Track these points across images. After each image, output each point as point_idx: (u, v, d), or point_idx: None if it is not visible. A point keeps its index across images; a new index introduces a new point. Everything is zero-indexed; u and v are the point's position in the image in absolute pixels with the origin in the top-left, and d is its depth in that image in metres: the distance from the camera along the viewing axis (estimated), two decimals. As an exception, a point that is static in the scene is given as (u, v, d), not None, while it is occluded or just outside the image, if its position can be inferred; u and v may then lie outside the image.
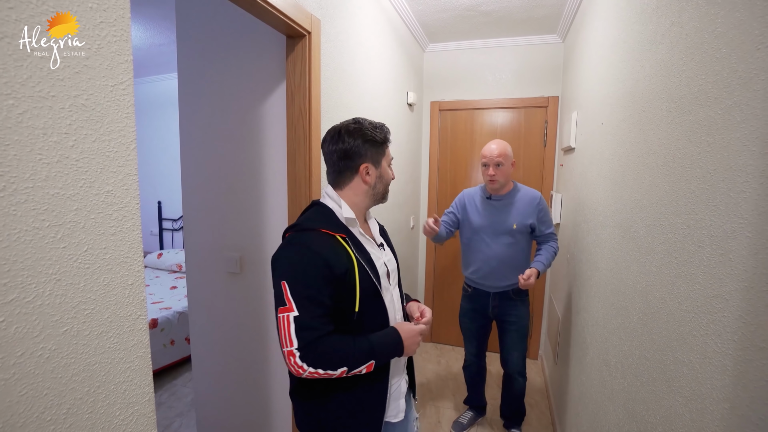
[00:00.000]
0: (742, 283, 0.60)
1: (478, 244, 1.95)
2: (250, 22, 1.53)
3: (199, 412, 1.89)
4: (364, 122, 1.03)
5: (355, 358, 0.89)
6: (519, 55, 2.92)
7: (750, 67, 0.60)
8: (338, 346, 0.88)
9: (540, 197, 1.90)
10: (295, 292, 0.86)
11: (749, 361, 0.57)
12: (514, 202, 1.89)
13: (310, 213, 1.02)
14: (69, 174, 0.57)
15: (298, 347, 0.84)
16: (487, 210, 1.93)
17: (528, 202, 1.88)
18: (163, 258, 3.88)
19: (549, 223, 1.92)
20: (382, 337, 0.96)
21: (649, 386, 0.92)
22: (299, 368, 0.85)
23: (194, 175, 1.73)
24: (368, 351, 0.91)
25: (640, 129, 1.08)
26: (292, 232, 0.96)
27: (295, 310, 0.85)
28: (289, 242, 0.93)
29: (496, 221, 1.90)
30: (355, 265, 0.94)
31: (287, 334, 0.85)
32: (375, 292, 0.99)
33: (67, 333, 0.58)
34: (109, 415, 0.64)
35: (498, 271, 1.92)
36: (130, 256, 0.67)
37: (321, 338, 0.86)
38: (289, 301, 0.85)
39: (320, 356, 0.86)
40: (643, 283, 1.00)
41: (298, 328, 0.84)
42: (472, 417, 2.26)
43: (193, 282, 1.81)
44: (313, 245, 0.90)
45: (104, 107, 0.61)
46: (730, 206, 0.64)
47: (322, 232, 0.94)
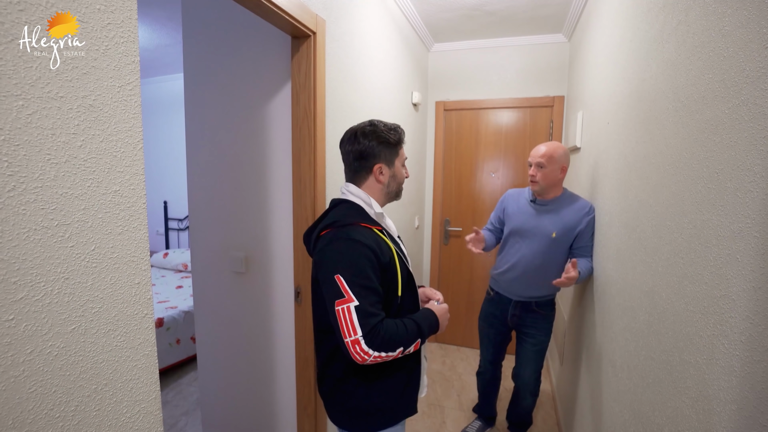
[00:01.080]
0: (750, 284, 0.59)
1: (511, 246, 1.83)
2: (256, 23, 1.53)
3: (205, 411, 1.91)
4: (379, 124, 1.08)
5: (408, 338, 0.96)
6: (524, 55, 2.91)
7: (758, 66, 0.60)
8: (394, 329, 0.94)
9: (590, 207, 1.66)
10: (351, 283, 0.90)
11: (757, 362, 0.56)
12: (559, 209, 1.70)
13: (342, 210, 1.04)
14: (77, 174, 0.57)
15: (362, 334, 0.88)
16: (528, 213, 1.78)
17: (575, 212, 1.67)
18: (169, 257, 3.91)
19: (591, 238, 1.68)
20: (424, 318, 1.05)
21: (656, 387, 0.92)
22: (365, 354, 0.89)
23: (200, 174, 1.74)
24: (417, 331, 0.99)
25: (646, 128, 1.07)
26: (332, 229, 0.99)
27: (354, 299, 0.89)
28: (335, 238, 0.96)
29: (535, 225, 1.74)
30: (395, 254, 1.03)
31: (350, 324, 0.88)
32: (410, 278, 1.09)
33: (75, 331, 0.58)
34: (117, 412, 0.65)
35: (524, 279, 1.77)
36: (136, 255, 0.67)
37: (381, 323, 0.91)
38: (347, 292, 0.89)
39: (382, 340, 0.90)
40: (650, 283, 0.99)
41: (360, 316, 0.89)
42: (480, 427, 2.17)
43: (199, 281, 1.82)
44: (359, 237, 0.95)
45: (112, 108, 0.62)
46: (738, 206, 0.63)
47: (362, 225, 1.00)
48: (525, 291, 1.80)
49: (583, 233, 1.66)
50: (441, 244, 3.27)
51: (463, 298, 3.25)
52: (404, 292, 1.06)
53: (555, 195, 1.73)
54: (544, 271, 1.73)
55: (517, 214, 1.81)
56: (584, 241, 1.67)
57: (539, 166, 1.67)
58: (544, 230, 1.71)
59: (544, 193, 1.73)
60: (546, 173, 1.66)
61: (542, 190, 1.71)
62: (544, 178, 1.67)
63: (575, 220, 1.66)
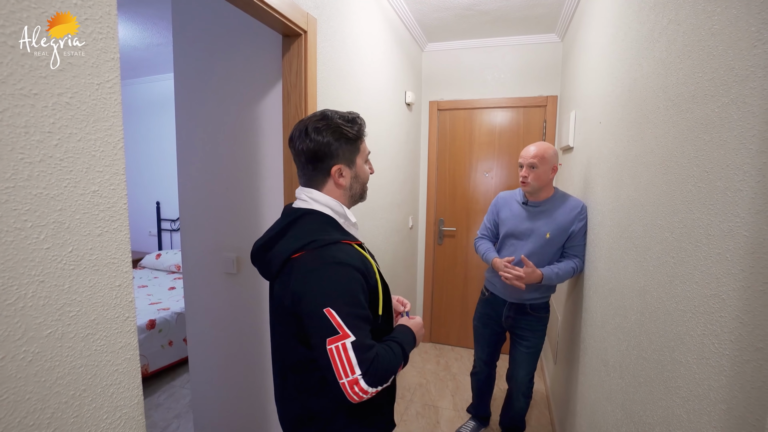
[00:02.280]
0: (740, 283, 0.59)
1: (506, 249, 1.81)
2: (247, 21, 1.52)
3: (197, 413, 1.89)
4: (333, 116, 0.89)
5: (397, 362, 0.86)
6: (517, 55, 2.91)
7: (747, 65, 0.59)
8: (387, 358, 0.82)
9: (582, 206, 1.66)
10: (345, 315, 0.76)
11: (747, 362, 0.56)
12: (552, 209, 1.70)
13: (314, 224, 0.88)
14: (53, 174, 0.56)
15: (361, 372, 0.75)
16: (522, 215, 1.77)
17: (568, 211, 1.66)
18: (161, 258, 3.87)
19: (583, 237, 1.67)
20: (404, 336, 0.94)
21: (647, 386, 0.91)
22: (363, 393, 0.76)
23: (191, 175, 1.72)
24: (402, 353, 0.89)
25: (637, 127, 1.07)
26: (311, 252, 0.83)
27: (350, 335, 0.76)
28: (320, 263, 0.81)
29: (529, 227, 1.73)
30: (376, 271, 0.91)
31: (347, 363, 0.75)
32: (387, 293, 0.96)
33: (51, 336, 0.57)
34: (96, 418, 0.63)
35: None
36: (117, 257, 0.66)
37: (377, 356, 0.79)
38: (341, 327, 0.76)
39: (381, 374, 0.79)
40: (641, 282, 0.99)
41: (359, 352, 0.76)
42: (474, 427, 2.16)
43: (191, 283, 1.80)
44: (347, 259, 0.81)
45: (90, 106, 0.60)
46: (728, 205, 0.63)
47: (344, 243, 0.86)
48: (520, 293, 1.78)
49: (576, 233, 1.66)
50: (435, 244, 3.27)
51: (458, 298, 3.25)
52: (384, 309, 0.94)
53: (547, 195, 1.73)
54: None
55: (510, 218, 1.81)
56: (576, 240, 1.67)
57: (531, 166, 1.66)
58: (539, 231, 1.71)
59: (536, 194, 1.72)
60: (538, 174, 1.66)
61: (534, 190, 1.70)
62: (536, 178, 1.66)
63: (568, 220, 1.65)
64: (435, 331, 3.35)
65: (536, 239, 1.71)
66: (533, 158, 1.64)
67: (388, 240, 2.49)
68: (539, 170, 1.65)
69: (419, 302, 3.38)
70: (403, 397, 2.54)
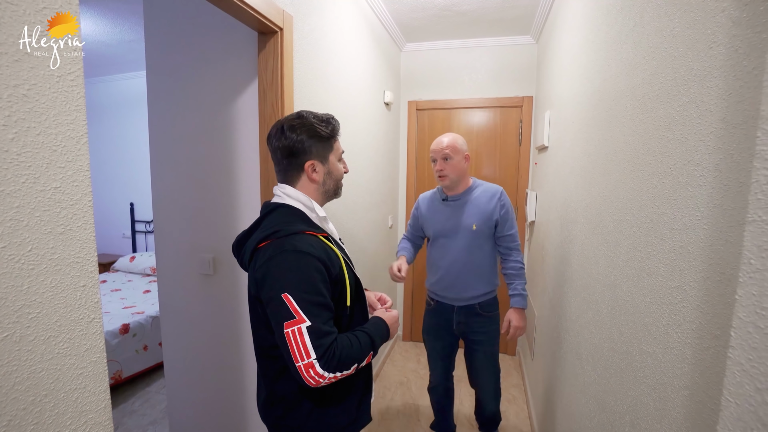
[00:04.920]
0: (700, 274, 0.61)
1: (438, 250, 1.76)
2: (221, 17, 1.49)
3: (173, 419, 1.83)
4: (308, 116, 0.96)
5: (362, 353, 0.89)
6: (494, 56, 2.96)
7: (704, 65, 0.62)
8: (349, 346, 0.86)
9: (501, 192, 1.68)
10: (301, 301, 0.81)
11: (706, 349, 0.58)
12: (472, 199, 1.68)
13: (281, 216, 0.93)
14: (9, 169, 0.53)
15: (316, 357, 0.79)
16: (445, 212, 1.73)
17: (488, 199, 1.66)
18: (136, 261, 3.76)
19: (511, 223, 1.68)
20: (375, 328, 0.98)
21: (617, 377, 0.94)
22: (319, 378, 0.80)
23: (165, 175, 1.67)
24: (371, 343, 0.93)
25: (607, 126, 1.11)
26: (274, 240, 0.87)
27: (306, 320, 0.80)
28: (279, 251, 0.85)
29: (455, 223, 1.70)
30: (343, 263, 0.95)
31: (302, 347, 0.79)
32: (358, 285, 1.02)
33: (7, 339, 0.54)
34: (59, 424, 0.60)
35: (461, 280, 1.71)
36: (81, 256, 0.63)
37: (335, 341, 0.84)
38: (297, 312, 0.80)
39: (339, 360, 0.82)
40: (612, 277, 1.02)
41: (314, 337, 0.80)
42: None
43: (165, 285, 1.75)
44: (306, 248, 0.85)
45: (50, 99, 0.58)
46: (689, 200, 0.65)
47: (307, 234, 0.90)
48: (464, 292, 1.72)
49: (500, 221, 1.66)
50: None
51: (438, 296, 3.27)
52: (354, 300, 0.98)
53: (465, 187, 1.72)
54: (476, 265, 1.69)
55: (433, 219, 1.77)
56: (505, 229, 1.67)
57: (445, 158, 1.64)
58: (465, 225, 1.68)
59: (455, 187, 1.70)
60: (453, 164, 1.64)
61: (452, 183, 1.68)
62: (452, 169, 1.64)
63: (490, 208, 1.66)
64: (416, 329, 3.36)
65: (464, 234, 1.68)
66: (446, 149, 1.63)
67: (368, 239, 2.48)
68: (454, 160, 1.64)
69: (399, 301, 3.39)
70: (384, 395, 2.54)
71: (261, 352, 0.98)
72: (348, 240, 2.08)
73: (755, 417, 0.43)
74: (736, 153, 0.53)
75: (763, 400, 0.42)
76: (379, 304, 1.14)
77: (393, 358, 3.08)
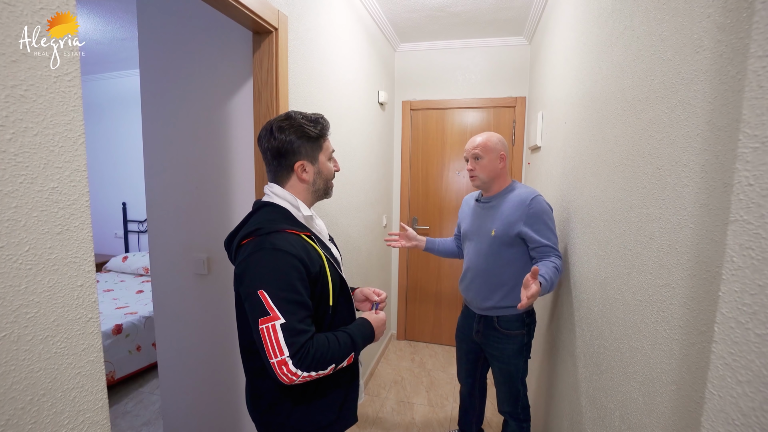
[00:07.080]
0: (687, 272, 0.63)
1: (465, 251, 1.70)
2: (216, 17, 1.49)
3: (167, 420, 1.83)
4: (296, 116, 0.97)
5: (341, 353, 0.90)
6: (488, 56, 2.98)
7: (691, 69, 0.64)
8: (326, 345, 0.87)
9: (532, 198, 1.45)
10: (276, 298, 0.82)
11: (692, 345, 0.60)
12: (502, 203, 1.53)
13: (265, 215, 0.94)
14: (6, 169, 0.53)
15: (289, 354, 0.80)
16: (475, 213, 1.65)
17: (515, 205, 1.47)
18: (128, 261, 3.73)
19: (545, 233, 1.43)
20: (358, 329, 0.98)
21: (608, 374, 0.96)
22: (292, 376, 0.81)
23: (158, 174, 1.67)
24: (351, 344, 0.93)
25: (598, 128, 1.13)
26: (254, 238, 0.89)
27: (280, 317, 0.81)
28: (257, 248, 0.86)
29: (479, 226, 1.60)
30: (325, 261, 0.95)
31: (275, 344, 0.80)
32: (343, 285, 1.02)
33: (5, 339, 0.54)
34: (56, 424, 0.61)
35: (476, 286, 1.60)
36: (79, 256, 0.63)
37: (310, 340, 0.84)
38: (272, 309, 0.81)
39: (313, 359, 0.83)
40: (602, 275, 1.04)
41: (287, 334, 0.81)
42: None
43: (159, 285, 1.74)
44: (284, 246, 0.86)
45: (48, 99, 0.58)
46: (677, 200, 0.67)
47: (288, 232, 0.90)
48: (482, 302, 1.59)
49: (530, 233, 1.43)
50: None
51: (431, 295, 3.29)
52: (337, 301, 0.98)
53: (500, 188, 1.59)
54: (491, 273, 1.55)
55: (466, 218, 1.72)
56: (535, 240, 1.43)
57: (475, 158, 1.56)
58: (484, 229, 1.58)
59: (488, 188, 1.60)
60: (484, 164, 1.55)
61: (484, 184, 1.58)
62: (482, 169, 1.55)
63: (515, 216, 1.47)
64: (409, 328, 3.38)
65: (484, 238, 1.57)
66: (476, 148, 1.55)
67: (362, 238, 2.49)
68: (485, 160, 1.54)
69: (393, 300, 3.40)
70: (379, 394, 2.56)
71: (245, 347, 0.99)
72: (342, 239, 2.08)
73: (736, 408, 0.45)
74: (721, 155, 0.54)
75: (743, 391, 0.44)
76: (374, 296, 1.16)
77: (387, 357, 3.09)
